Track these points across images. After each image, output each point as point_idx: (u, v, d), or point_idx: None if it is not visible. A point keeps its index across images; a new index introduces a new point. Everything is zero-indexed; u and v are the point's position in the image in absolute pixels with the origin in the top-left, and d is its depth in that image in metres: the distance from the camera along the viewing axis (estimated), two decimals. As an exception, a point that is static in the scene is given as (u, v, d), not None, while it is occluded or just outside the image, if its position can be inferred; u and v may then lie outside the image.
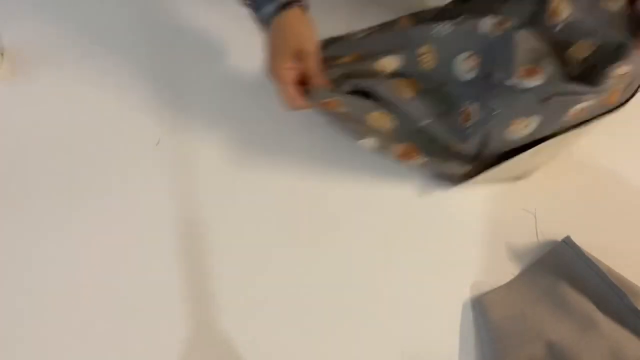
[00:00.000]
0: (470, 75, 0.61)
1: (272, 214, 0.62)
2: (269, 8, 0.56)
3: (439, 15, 0.65)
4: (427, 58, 0.62)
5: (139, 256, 0.59)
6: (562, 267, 0.58)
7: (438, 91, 0.62)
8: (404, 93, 0.62)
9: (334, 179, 0.64)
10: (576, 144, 0.63)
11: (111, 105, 0.67)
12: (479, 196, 0.63)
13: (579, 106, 0.56)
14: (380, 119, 0.61)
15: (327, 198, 0.63)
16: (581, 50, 0.58)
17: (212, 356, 0.55)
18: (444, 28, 0.61)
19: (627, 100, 0.59)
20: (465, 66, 0.61)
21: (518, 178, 0.63)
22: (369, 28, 0.65)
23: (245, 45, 0.65)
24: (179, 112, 0.67)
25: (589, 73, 0.57)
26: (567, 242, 0.59)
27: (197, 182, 0.63)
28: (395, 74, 0.62)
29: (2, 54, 0.70)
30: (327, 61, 0.60)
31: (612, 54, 0.56)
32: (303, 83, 0.58)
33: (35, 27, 0.73)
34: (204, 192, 0.63)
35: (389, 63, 0.62)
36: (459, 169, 0.61)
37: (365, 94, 0.61)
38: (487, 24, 0.59)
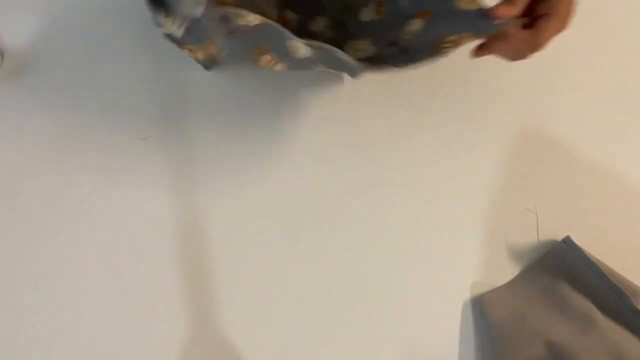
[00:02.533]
0: None
1: (272, 214, 0.62)
2: None
3: None
4: None
5: (138, 255, 0.59)
6: (562, 267, 0.58)
7: None
8: None
9: (334, 179, 0.64)
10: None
11: (111, 105, 0.67)
12: (479, 195, 0.63)
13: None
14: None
15: (326, 198, 0.63)
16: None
17: (212, 356, 0.55)
18: None
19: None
20: None
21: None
22: None
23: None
24: (177, 111, 0.67)
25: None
26: (567, 242, 0.59)
27: (196, 181, 0.63)
28: None
29: (2, 54, 0.70)
30: None
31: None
32: None
33: (35, 27, 0.73)
34: (203, 191, 0.63)
35: None
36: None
37: None
38: None
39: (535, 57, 0.60)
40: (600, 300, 0.55)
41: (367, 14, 0.57)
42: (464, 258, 0.60)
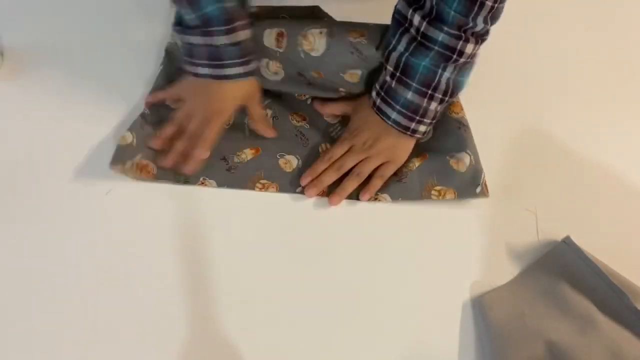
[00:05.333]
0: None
1: (272, 216, 0.62)
2: (238, 70, 0.59)
3: None
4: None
5: (140, 256, 0.59)
6: (562, 267, 0.58)
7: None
8: None
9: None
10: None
11: (110, 104, 0.67)
12: (479, 196, 0.63)
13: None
14: None
15: (326, 200, 0.63)
16: None
17: (212, 356, 0.55)
18: None
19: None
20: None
21: None
22: None
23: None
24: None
25: None
26: (567, 242, 0.59)
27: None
28: None
29: (2, 54, 0.70)
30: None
31: None
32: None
33: (35, 27, 0.73)
34: (203, 191, 0.63)
35: None
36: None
37: None
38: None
39: (535, 58, 0.60)
40: (600, 300, 0.55)
41: None
42: (464, 258, 0.60)
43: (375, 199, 0.62)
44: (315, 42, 0.62)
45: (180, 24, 0.59)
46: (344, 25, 0.64)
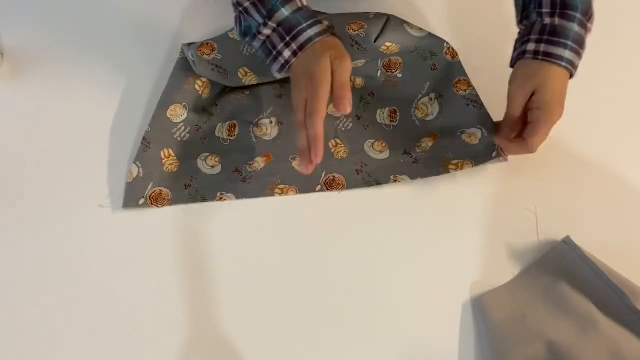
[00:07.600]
0: None
1: (272, 217, 0.62)
2: (310, 33, 0.54)
3: None
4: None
5: (140, 257, 0.59)
6: (562, 267, 0.58)
7: None
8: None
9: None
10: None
11: (109, 104, 0.67)
12: (479, 196, 0.63)
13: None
14: None
15: (327, 197, 0.63)
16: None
17: (212, 357, 0.55)
18: None
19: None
20: None
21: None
22: None
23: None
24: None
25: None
26: (567, 242, 0.59)
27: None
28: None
29: (2, 54, 0.70)
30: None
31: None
32: None
33: (35, 27, 0.73)
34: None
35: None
36: None
37: None
38: None
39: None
40: (600, 300, 0.55)
41: (381, 116, 0.66)
42: (464, 258, 0.60)
43: (395, 180, 0.62)
44: None
45: (247, 35, 0.58)
46: (345, 18, 0.64)
